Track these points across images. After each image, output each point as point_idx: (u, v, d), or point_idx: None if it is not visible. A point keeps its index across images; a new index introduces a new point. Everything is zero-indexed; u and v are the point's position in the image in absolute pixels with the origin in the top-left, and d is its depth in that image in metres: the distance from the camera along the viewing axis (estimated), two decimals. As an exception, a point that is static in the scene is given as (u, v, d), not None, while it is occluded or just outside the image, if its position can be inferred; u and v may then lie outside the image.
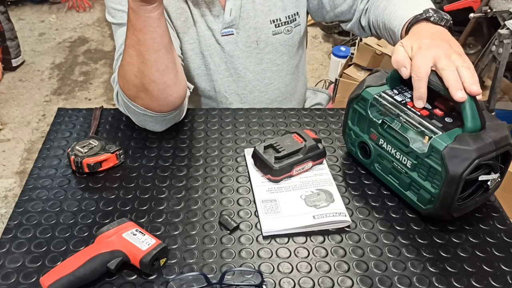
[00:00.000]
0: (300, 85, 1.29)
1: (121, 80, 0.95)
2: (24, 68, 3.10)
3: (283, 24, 1.15)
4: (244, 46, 1.14)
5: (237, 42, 1.13)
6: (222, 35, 1.12)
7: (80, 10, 3.80)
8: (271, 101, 1.22)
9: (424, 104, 0.83)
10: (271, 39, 1.15)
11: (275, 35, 1.15)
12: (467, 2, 2.43)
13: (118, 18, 1.05)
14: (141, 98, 0.95)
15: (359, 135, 0.93)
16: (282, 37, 1.16)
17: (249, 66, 1.16)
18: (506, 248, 0.82)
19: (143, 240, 0.75)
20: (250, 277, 0.75)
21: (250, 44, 1.14)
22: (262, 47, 1.15)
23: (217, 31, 1.11)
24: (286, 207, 0.85)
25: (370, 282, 0.75)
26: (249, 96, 1.19)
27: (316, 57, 3.21)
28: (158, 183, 0.92)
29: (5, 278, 0.74)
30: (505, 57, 1.97)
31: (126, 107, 1.00)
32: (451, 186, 0.77)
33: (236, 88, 1.18)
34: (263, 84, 1.19)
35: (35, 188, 0.90)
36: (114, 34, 1.09)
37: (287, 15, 1.15)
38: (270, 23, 1.14)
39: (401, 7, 1.03)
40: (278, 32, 1.15)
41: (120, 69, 0.95)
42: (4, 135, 2.55)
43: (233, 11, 1.10)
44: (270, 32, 1.14)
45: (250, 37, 1.13)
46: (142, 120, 1.00)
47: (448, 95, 0.79)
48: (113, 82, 1.03)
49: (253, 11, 1.12)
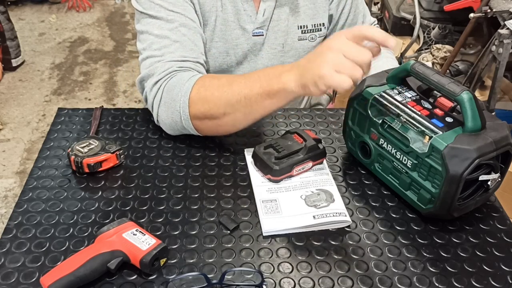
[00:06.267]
0: None
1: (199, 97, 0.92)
2: (24, 68, 3.09)
3: (309, 31, 1.18)
4: (270, 47, 1.16)
5: (264, 43, 1.15)
6: (253, 35, 1.13)
7: (80, 10, 3.80)
8: None
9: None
10: (296, 44, 1.17)
11: (300, 40, 1.17)
12: (467, 2, 2.42)
13: (153, 10, 1.01)
14: (204, 124, 0.95)
15: (359, 135, 0.93)
16: (306, 44, 1.18)
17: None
18: (506, 248, 0.82)
19: (143, 240, 0.75)
20: (250, 277, 0.74)
21: (276, 46, 1.16)
22: (286, 50, 1.17)
23: (249, 30, 1.12)
24: (286, 207, 0.85)
25: (370, 282, 0.75)
26: None
27: (316, 57, 3.21)
28: (158, 183, 0.92)
29: (5, 278, 0.74)
30: (505, 57, 1.96)
31: (166, 107, 0.96)
32: (451, 186, 0.77)
33: None
34: None
35: (35, 188, 0.90)
36: (143, 22, 1.03)
37: (314, 24, 1.17)
38: (297, 28, 1.16)
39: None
40: (304, 39, 1.18)
41: (210, 89, 0.92)
42: (4, 135, 2.55)
43: (266, 12, 1.11)
44: (296, 37, 1.17)
45: (277, 39, 1.15)
46: (172, 128, 0.99)
47: (448, 95, 0.79)
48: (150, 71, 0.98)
49: (284, 14, 1.14)
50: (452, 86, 0.79)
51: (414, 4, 2.62)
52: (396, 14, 2.85)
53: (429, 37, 2.75)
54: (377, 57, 1.20)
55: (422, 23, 2.71)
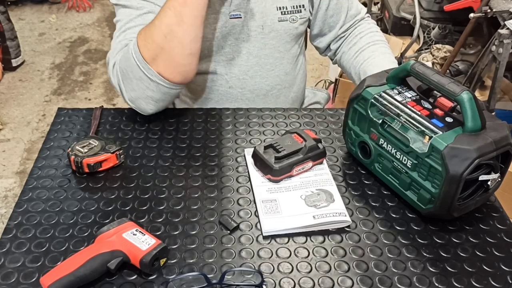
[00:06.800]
0: (299, 77, 1.29)
1: (144, 41, 0.98)
2: (24, 68, 3.09)
3: (289, 12, 1.18)
4: (249, 30, 1.16)
5: (243, 26, 1.15)
6: (230, 18, 1.13)
7: (80, 10, 3.80)
8: (271, 88, 1.22)
9: None
10: (276, 25, 1.17)
11: (280, 21, 1.17)
12: (467, 2, 2.42)
13: (125, 0, 1.08)
14: (159, 61, 0.98)
15: (359, 135, 0.93)
16: (287, 25, 1.18)
17: (252, 51, 1.18)
18: (506, 248, 0.82)
19: (143, 240, 0.75)
20: (250, 277, 0.75)
21: (255, 28, 1.16)
22: (267, 32, 1.17)
23: (226, 13, 1.12)
24: (286, 207, 0.85)
25: (370, 282, 0.75)
26: (249, 82, 1.20)
27: (316, 57, 3.21)
28: (158, 183, 0.92)
29: (5, 278, 0.74)
30: (505, 57, 1.96)
31: (127, 74, 1.01)
32: (451, 186, 0.77)
33: (237, 73, 1.19)
34: (264, 70, 1.20)
35: (35, 188, 0.90)
36: (117, 13, 1.11)
37: (293, 5, 1.18)
38: (276, 10, 1.16)
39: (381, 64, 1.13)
40: (284, 20, 1.18)
41: (146, 30, 0.99)
42: (4, 135, 2.55)
43: None
44: (276, 18, 1.17)
45: (256, 21, 1.15)
46: (141, 92, 1.01)
47: (448, 95, 0.79)
48: (112, 56, 1.05)
49: None
50: (452, 86, 0.79)
51: (414, 4, 2.61)
52: (396, 14, 2.85)
53: (429, 37, 2.75)
54: (375, 54, 1.21)
55: (422, 23, 2.71)
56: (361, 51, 1.21)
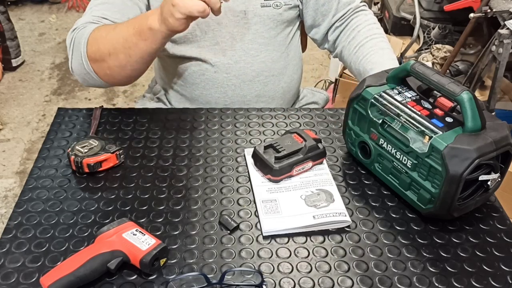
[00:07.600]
0: (290, 68, 1.28)
1: (94, 40, 1.01)
2: (24, 68, 3.09)
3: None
4: (232, 15, 1.15)
5: (225, 11, 1.14)
6: None
7: (80, 10, 3.79)
8: (256, 74, 1.21)
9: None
10: (259, 10, 1.17)
11: (263, 7, 1.17)
12: (467, 2, 2.42)
13: None
14: (97, 65, 1.02)
15: (359, 135, 0.93)
16: (270, 11, 1.18)
17: (236, 36, 1.17)
18: (506, 248, 0.82)
19: (143, 240, 0.75)
20: (250, 277, 0.75)
21: (238, 13, 1.16)
22: (250, 17, 1.17)
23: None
24: (286, 207, 0.85)
25: (370, 282, 0.75)
26: (234, 67, 1.20)
27: (316, 57, 3.21)
28: (158, 183, 0.92)
29: (5, 278, 0.74)
30: (505, 57, 1.96)
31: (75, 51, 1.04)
32: (451, 186, 0.77)
33: (222, 58, 1.19)
34: (249, 55, 1.20)
35: (35, 188, 0.90)
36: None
37: None
38: None
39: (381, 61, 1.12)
40: (267, 5, 1.17)
41: (101, 33, 1.01)
42: (4, 135, 2.55)
43: None
44: (258, 4, 1.16)
45: (238, 6, 1.15)
46: (81, 71, 1.06)
47: (448, 95, 0.79)
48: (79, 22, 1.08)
49: None
50: (452, 86, 0.79)
51: (414, 4, 2.61)
52: (396, 14, 2.85)
53: (429, 37, 2.75)
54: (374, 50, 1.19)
55: (422, 23, 2.71)
56: (360, 46, 1.19)
